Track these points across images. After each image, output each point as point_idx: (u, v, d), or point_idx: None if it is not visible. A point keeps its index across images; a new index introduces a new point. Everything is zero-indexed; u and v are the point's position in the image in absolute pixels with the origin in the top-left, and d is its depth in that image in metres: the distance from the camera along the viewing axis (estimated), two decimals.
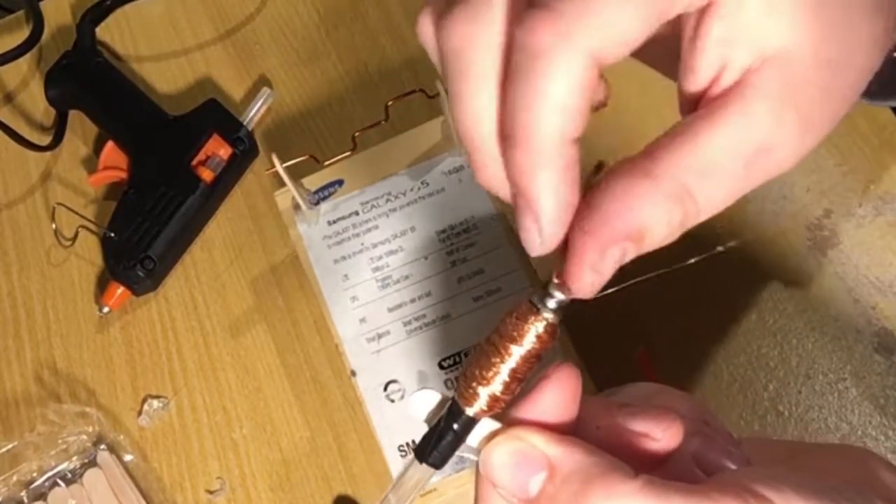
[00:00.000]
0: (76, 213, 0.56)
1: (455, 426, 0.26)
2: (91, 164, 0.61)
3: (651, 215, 0.22)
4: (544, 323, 0.25)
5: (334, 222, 0.50)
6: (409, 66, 0.60)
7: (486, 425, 0.26)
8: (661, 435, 0.26)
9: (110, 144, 0.58)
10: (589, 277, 0.23)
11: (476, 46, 0.22)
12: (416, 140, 0.51)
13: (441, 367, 0.47)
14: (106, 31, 0.64)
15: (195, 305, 0.56)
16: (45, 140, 0.61)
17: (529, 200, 0.22)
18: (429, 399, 0.28)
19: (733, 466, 0.26)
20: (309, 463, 0.51)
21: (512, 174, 0.22)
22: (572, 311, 0.25)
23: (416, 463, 0.27)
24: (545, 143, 0.21)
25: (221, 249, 0.57)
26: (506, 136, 0.22)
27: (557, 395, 0.26)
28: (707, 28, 0.22)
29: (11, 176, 0.62)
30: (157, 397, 0.54)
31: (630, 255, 0.22)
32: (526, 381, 0.26)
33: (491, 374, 0.25)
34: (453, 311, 0.47)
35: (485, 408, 0.26)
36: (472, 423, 0.26)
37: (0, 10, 0.78)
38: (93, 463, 0.51)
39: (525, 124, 0.21)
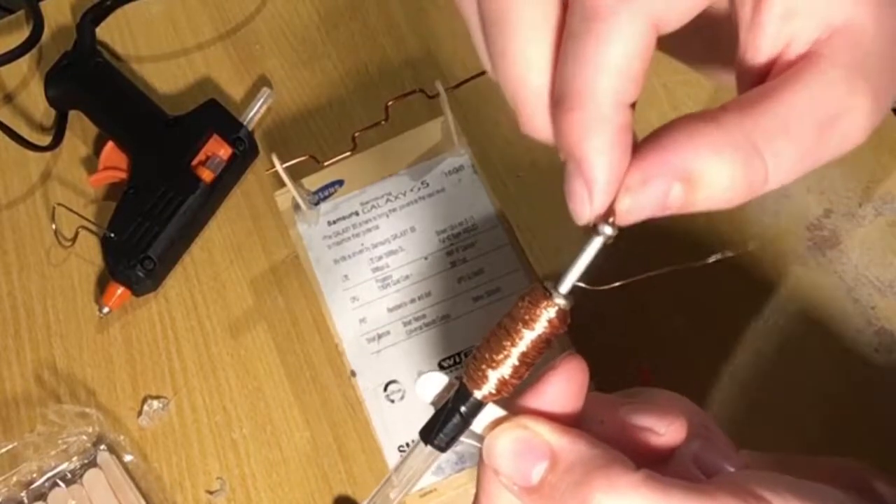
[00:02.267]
0: (76, 213, 0.56)
1: (462, 409, 0.26)
2: (91, 164, 0.61)
3: (711, 162, 0.21)
4: (556, 308, 0.25)
5: (334, 222, 0.50)
6: (409, 66, 0.60)
7: (492, 412, 0.26)
8: (664, 430, 0.26)
9: (110, 144, 0.58)
10: (625, 202, 0.22)
11: None
12: (416, 140, 0.51)
13: (441, 367, 0.47)
14: (106, 31, 0.64)
15: (195, 305, 0.56)
16: (45, 140, 0.61)
17: (581, 165, 0.21)
18: (436, 382, 0.28)
19: (732, 469, 0.26)
20: (309, 463, 0.51)
21: (563, 138, 0.22)
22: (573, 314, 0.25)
23: (421, 445, 0.27)
24: (600, 107, 0.21)
25: (221, 249, 0.57)
26: (558, 99, 0.22)
27: (564, 386, 0.26)
28: (769, 4, 0.21)
29: (11, 176, 0.62)
30: (157, 397, 0.54)
31: (677, 198, 0.21)
32: (534, 367, 0.26)
33: (501, 356, 0.25)
34: (453, 312, 0.47)
35: (493, 391, 0.26)
36: (479, 406, 0.26)
37: (0, 10, 0.78)
38: (93, 463, 0.51)
39: (580, 87, 0.21)
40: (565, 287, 0.24)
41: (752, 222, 0.51)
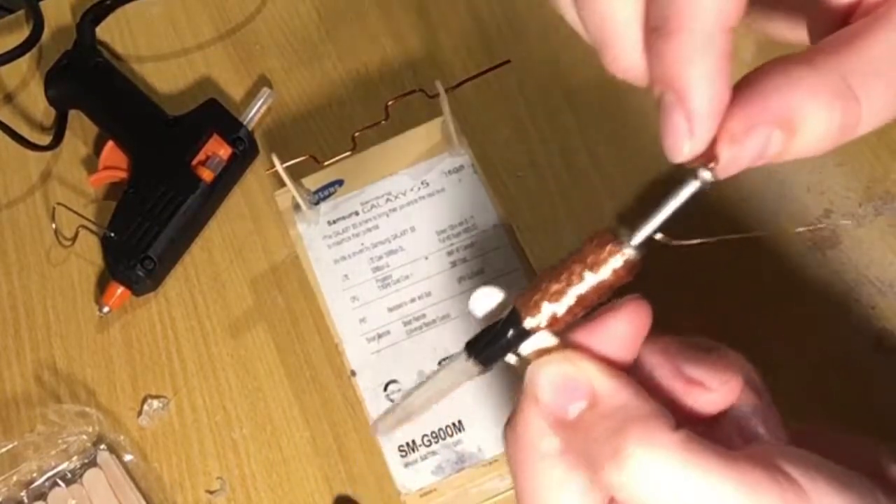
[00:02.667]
0: (76, 213, 0.56)
1: (510, 333, 0.26)
2: (91, 164, 0.61)
3: (808, 105, 0.20)
4: (624, 257, 0.24)
5: (334, 222, 0.50)
6: (409, 66, 0.60)
7: (542, 337, 0.26)
8: (717, 387, 0.25)
9: (110, 144, 0.58)
10: (728, 152, 0.21)
11: None
12: (416, 140, 0.51)
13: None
14: (106, 31, 0.64)
15: (195, 305, 0.56)
16: (45, 140, 0.61)
17: (681, 94, 0.20)
18: (491, 297, 0.27)
19: (767, 439, 0.26)
20: (309, 463, 0.51)
21: (662, 66, 0.21)
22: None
23: (463, 358, 0.27)
24: (702, 30, 0.20)
25: (221, 249, 0.57)
26: (656, 25, 0.21)
27: (622, 329, 0.25)
28: None
29: (11, 176, 0.62)
30: (157, 397, 0.54)
31: (775, 146, 0.21)
32: (591, 309, 0.25)
33: (558, 292, 0.24)
34: (453, 311, 0.47)
35: (543, 324, 0.25)
36: (526, 334, 0.25)
37: (0, 10, 0.78)
38: (93, 463, 0.51)
39: (681, 8, 0.20)
40: (640, 237, 0.23)
41: (751, 222, 0.51)
